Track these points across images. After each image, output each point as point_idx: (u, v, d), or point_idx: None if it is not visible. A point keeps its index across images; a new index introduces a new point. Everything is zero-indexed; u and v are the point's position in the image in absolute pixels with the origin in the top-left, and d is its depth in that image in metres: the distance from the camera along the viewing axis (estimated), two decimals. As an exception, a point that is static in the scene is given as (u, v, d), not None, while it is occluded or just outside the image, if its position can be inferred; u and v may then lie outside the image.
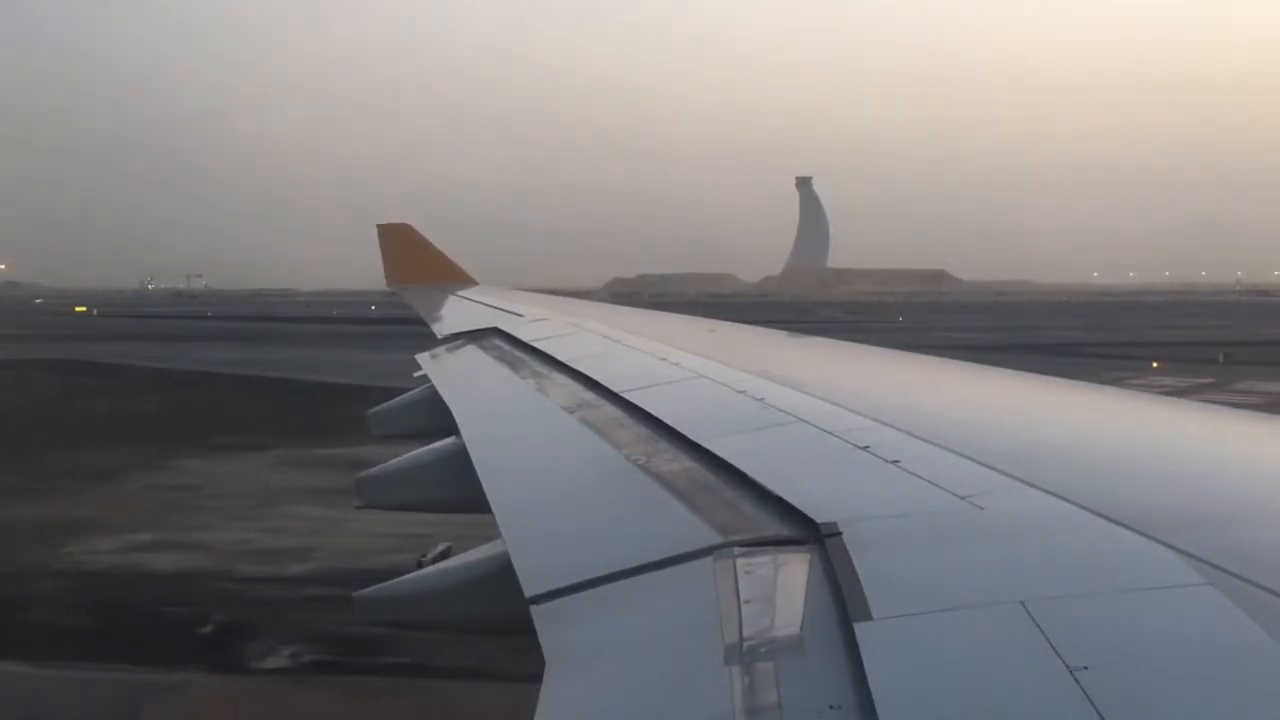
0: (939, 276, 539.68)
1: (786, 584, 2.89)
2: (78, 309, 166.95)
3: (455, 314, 14.28)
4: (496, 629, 4.37)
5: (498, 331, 10.77)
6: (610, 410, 5.71)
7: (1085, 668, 2.13)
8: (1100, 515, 2.99)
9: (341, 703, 14.77)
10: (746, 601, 2.76)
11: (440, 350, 10.98)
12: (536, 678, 2.65)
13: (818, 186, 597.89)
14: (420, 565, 10.29)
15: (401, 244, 19.48)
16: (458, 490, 5.59)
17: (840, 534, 3.04)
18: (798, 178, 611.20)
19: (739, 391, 5.59)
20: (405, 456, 7.24)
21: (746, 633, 2.58)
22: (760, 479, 3.71)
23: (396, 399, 10.01)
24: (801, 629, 2.58)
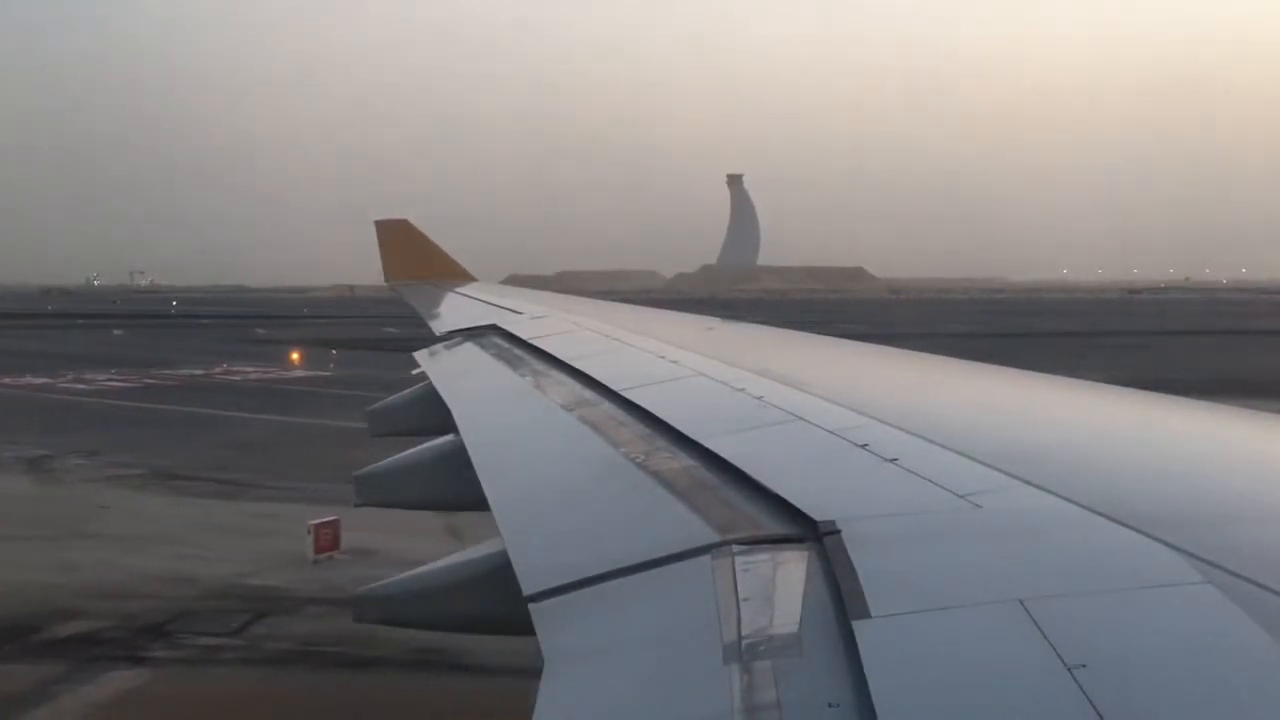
0: (856, 274, 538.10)
1: (785, 582, 2.89)
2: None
3: (453, 311, 14.25)
4: (495, 627, 4.37)
5: (496, 329, 10.76)
6: (609, 408, 5.71)
7: (1083, 666, 2.14)
8: (1098, 514, 2.99)
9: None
10: (745, 600, 2.76)
11: (438, 348, 10.96)
12: (535, 675, 2.66)
13: (748, 184, 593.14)
14: None
15: (400, 240, 19.41)
16: (456, 488, 5.60)
17: (839, 532, 3.04)
18: (729, 175, 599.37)
19: (737, 390, 5.58)
20: (403, 454, 7.24)
21: (745, 631, 2.59)
22: (759, 477, 3.71)
23: (394, 396, 10.00)
24: (800, 627, 2.58)
